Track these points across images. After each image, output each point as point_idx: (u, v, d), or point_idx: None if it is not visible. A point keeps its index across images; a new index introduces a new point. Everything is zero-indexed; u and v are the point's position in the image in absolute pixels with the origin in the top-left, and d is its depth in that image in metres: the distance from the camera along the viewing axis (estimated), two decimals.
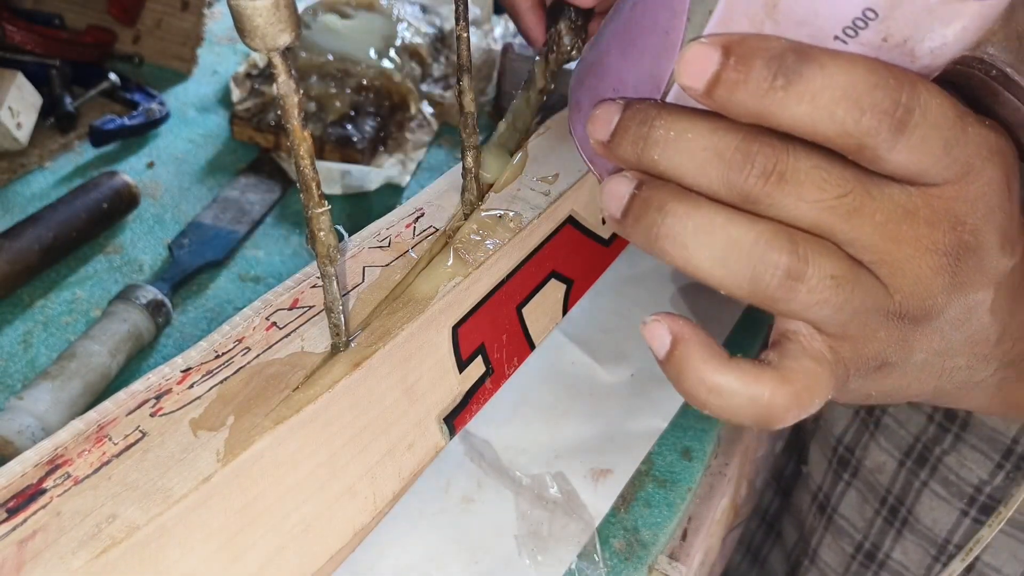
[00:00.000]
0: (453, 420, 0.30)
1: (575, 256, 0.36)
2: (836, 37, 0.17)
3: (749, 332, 0.43)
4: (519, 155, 0.36)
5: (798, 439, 0.55)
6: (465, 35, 0.28)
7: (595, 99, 0.24)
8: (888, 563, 0.46)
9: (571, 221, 0.35)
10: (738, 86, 0.18)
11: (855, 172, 0.19)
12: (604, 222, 0.38)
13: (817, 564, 0.51)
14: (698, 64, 0.18)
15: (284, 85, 0.19)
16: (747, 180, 0.19)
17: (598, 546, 0.31)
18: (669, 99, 0.21)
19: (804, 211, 0.19)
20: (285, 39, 0.18)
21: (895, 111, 0.17)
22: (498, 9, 0.72)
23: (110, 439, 0.22)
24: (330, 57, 0.56)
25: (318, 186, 0.21)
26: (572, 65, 0.33)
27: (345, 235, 0.30)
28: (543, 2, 0.34)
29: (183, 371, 0.24)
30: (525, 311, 0.34)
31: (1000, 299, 0.22)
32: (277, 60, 0.18)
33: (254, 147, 0.55)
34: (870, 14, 0.17)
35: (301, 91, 0.19)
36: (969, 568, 0.43)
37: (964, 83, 0.23)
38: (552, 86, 0.34)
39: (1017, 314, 0.23)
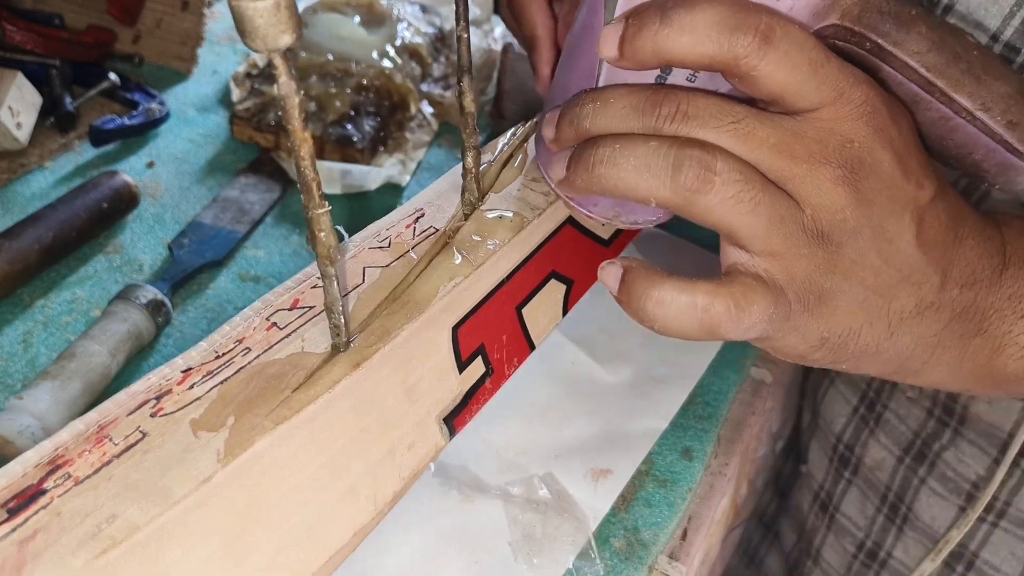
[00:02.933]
0: (453, 420, 0.30)
1: (575, 256, 0.36)
2: None
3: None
4: (519, 157, 0.36)
5: (798, 439, 0.55)
6: (465, 36, 0.28)
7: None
8: (890, 562, 0.46)
9: (571, 221, 0.35)
10: (636, 36, 0.22)
11: (746, 106, 0.23)
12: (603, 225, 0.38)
13: (820, 564, 0.51)
14: (610, 36, 0.23)
15: (285, 86, 0.19)
16: (658, 120, 0.23)
17: (594, 544, 0.31)
18: (600, 83, 0.26)
19: (705, 137, 0.22)
20: (286, 40, 0.18)
21: (758, 27, 0.21)
22: (498, 9, 0.72)
23: (110, 439, 0.22)
24: (330, 57, 0.56)
25: (319, 187, 0.21)
26: None
27: (345, 235, 0.30)
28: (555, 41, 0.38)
29: (183, 371, 0.24)
30: (525, 311, 0.34)
31: (927, 238, 0.24)
32: (278, 61, 0.18)
33: (254, 147, 0.55)
34: None
35: (302, 92, 0.19)
36: (969, 566, 0.43)
37: (849, 61, 0.25)
38: None
39: (956, 258, 0.25)
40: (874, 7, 0.24)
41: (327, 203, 0.22)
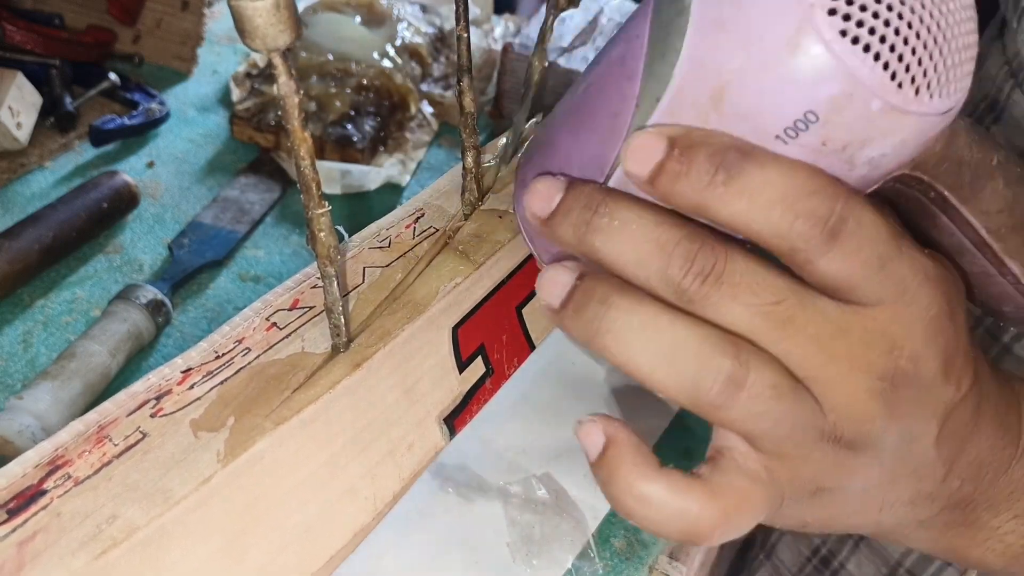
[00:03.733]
0: (453, 420, 0.30)
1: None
2: (777, 136, 0.18)
3: None
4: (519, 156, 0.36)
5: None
6: (465, 35, 0.28)
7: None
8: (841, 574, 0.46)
9: None
10: (680, 177, 0.18)
11: (790, 282, 0.19)
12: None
13: (772, 560, 0.50)
14: (644, 152, 0.19)
15: (285, 86, 0.19)
16: (686, 277, 0.19)
17: (593, 544, 0.31)
18: (611, 184, 0.21)
19: (738, 315, 0.19)
20: (285, 40, 0.18)
21: (828, 218, 0.18)
22: (498, 9, 0.72)
23: (110, 440, 0.22)
24: (330, 57, 0.56)
25: (318, 187, 0.21)
26: None
27: (345, 235, 0.30)
28: None
29: (183, 372, 0.24)
30: (525, 311, 0.34)
31: (947, 433, 0.21)
32: (278, 61, 0.18)
33: (254, 147, 0.55)
34: (811, 117, 0.17)
35: (302, 92, 0.19)
36: None
37: (903, 203, 0.23)
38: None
39: (966, 452, 0.22)
40: (954, 157, 0.21)
41: (327, 203, 0.22)
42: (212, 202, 0.50)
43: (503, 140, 0.36)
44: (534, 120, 0.38)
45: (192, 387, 0.24)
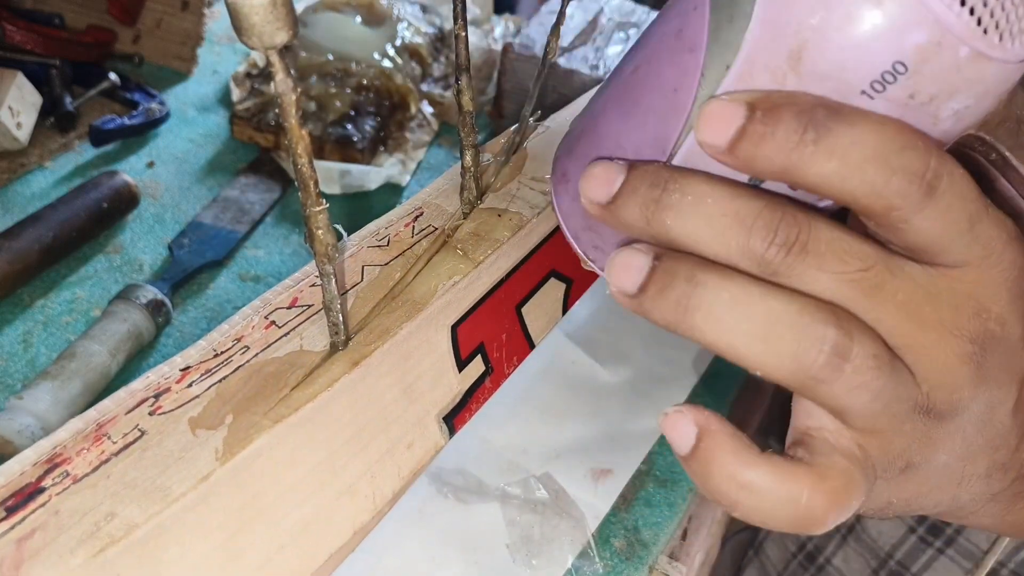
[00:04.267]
0: (453, 419, 0.30)
1: (575, 255, 0.36)
2: (863, 92, 0.17)
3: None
4: (517, 154, 0.36)
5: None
6: (463, 34, 0.28)
7: None
8: (827, 568, 0.45)
9: None
10: (765, 139, 0.17)
11: (876, 248, 0.18)
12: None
13: (760, 557, 0.50)
14: (722, 119, 0.17)
15: (282, 83, 0.19)
16: (769, 249, 0.18)
17: (593, 544, 0.31)
18: (676, 163, 0.20)
19: (826, 284, 0.18)
20: (282, 37, 0.17)
21: (924, 174, 0.17)
22: (498, 9, 0.72)
23: (109, 438, 0.22)
24: (330, 57, 0.56)
25: (316, 184, 0.21)
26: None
27: (344, 234, 0.30)
28: None
29: (182, 370, 0.24)
30: (525, 310, 0.34)
31: (1021, 400, 0.21)
32: (274, 58, 0.18)
33: (254, 147, 0.55)
34: (900, 67, 0.17)
35: (299, 89, 0.19)
36: None
37: (965, 166, 0.22)
38: None
39: None
40: (1014, 116, 0.21)
41: (325, 201, 0.22)
42: (212, 202, 0.50)
43: (502, 140, 0.36)
44: (533, 119, 0.38)
45: (191, 385, 0.24)
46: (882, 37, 0.16)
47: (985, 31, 0.16)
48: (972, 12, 0.16)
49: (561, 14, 0.28)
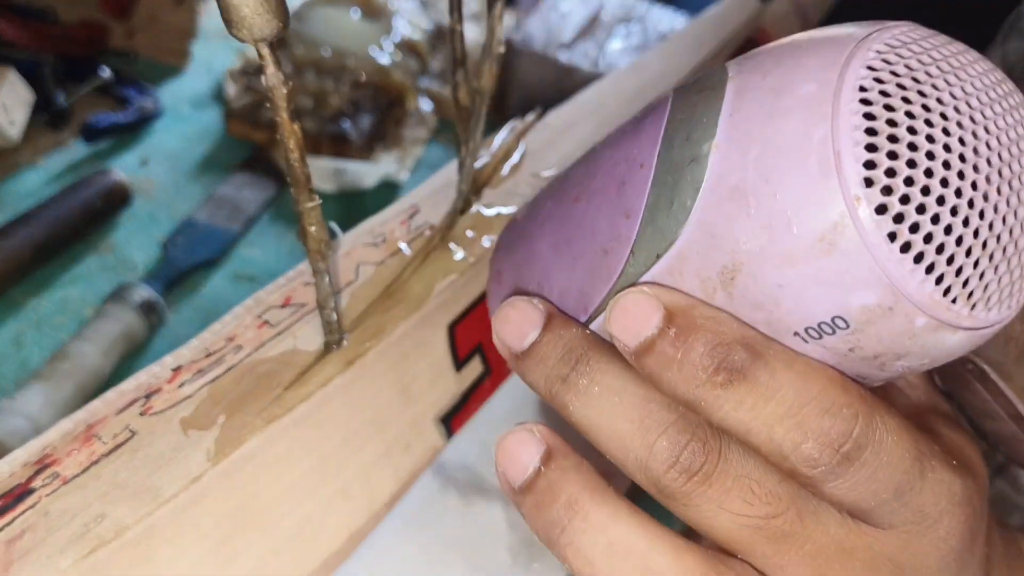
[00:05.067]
0: (451, 420, 0.30)
1: None
2: (796, 333, 0.15)
3: None
4: (516, 152, 0.35)
5: None
6: (459, 29, 0.27)
7: (517, 284, 0.21)
8: None
9: None
10: (672, 365, 0.15)
11: (792, 491, 0.16)
12: None
13: None
14: (634, 319, 0.16)
15: (272, 77, 0.18)
16: (668, 473, 0.16)
17: None
18: (594, 327, 0.18)
19: (724, 523, 0.16)
20: (272, 29, 0.17)
21: (842, 444, 0.15)
22: None
23: (99, 438, 0.22)
24: (327, 52, 0.56)
25: (308, 180, 0.21)
26: None
27: (339, 232, 0.30)
28: None
29: (173, 370, 0.24)
30: None
31: None
32: (265, 51, 0.18)
33: (249, 144, 0.54)
34: (840, 323, 0.14)
35: (291, 83, 0.19)
36: None
37: (941, 370, 0.21)
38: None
39: None
40: (1002, 334, 0.19)
41: (317, 197, 0.22)
42: (206, 200, 0.50)
43: (499, 136, 0.35)
44: (532, 117, 0.38)
45: (182, 385, 0.24)
46: (825, 288, 0.14)
47: (954, 300, 0.14)
48: (940, 281, 0.14)
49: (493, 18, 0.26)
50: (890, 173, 0.13)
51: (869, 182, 0.13)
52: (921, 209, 0.13)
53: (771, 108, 0.14)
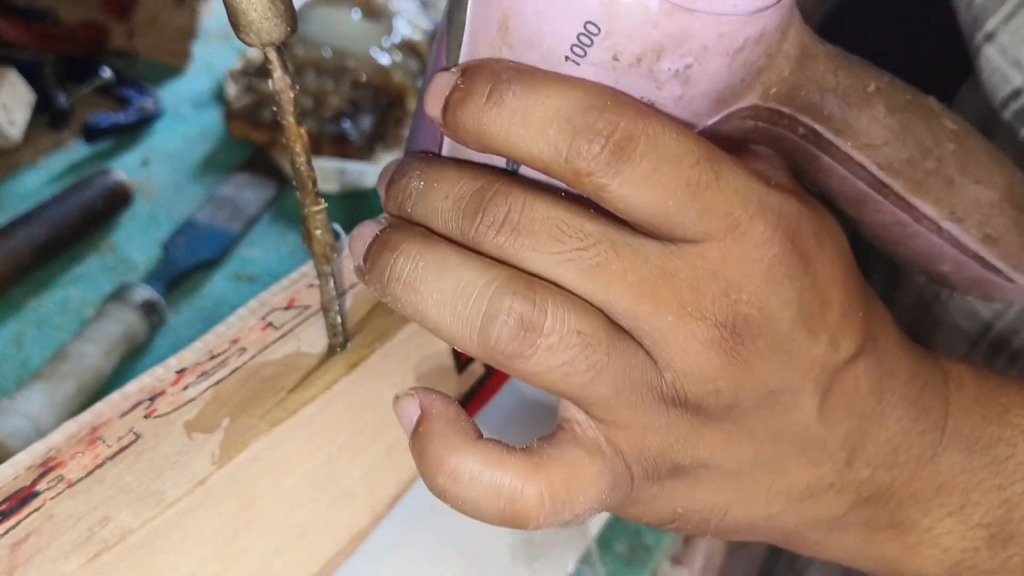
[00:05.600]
0: None
1: None
2: (567, 58, 0.17)
3: None
4: None
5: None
6: None
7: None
8: None
9: None
10: (460, 104, 0.17)
11: (602, 226, 0.17)
12: None
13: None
14: (438, 90, 0.18)
15: (279, 81, 0.18)
16: (477, 229, 0.17)
17: (594, 547, 0.31)
18: (444, 150, 0.20)
19: (541, 264, 0.17)
20: (280, 34, 0.17)
21: (611, 133, 0.16)
22: None
23: (103, 441, 0.22)
24: (327, 53, 0.56)
25: (314, 183, 0.21)
26: None
27: (342, 233, 0.30)
28: None
29: (177, 372, 0.24)
30: None
31: (835, 405, 0.19)
32: (272, 55, 0.18)
33: (250, 144, 0.54)
34: (592, 29, 0.16)
35: (297, 87, 0.19)
36: None
37: (783, 150, 0.20)
38: None
39: (872, 434, 0.20)
40: (813, 82, 0.18)
41: (323, 200, 0.22)
42: (207, 200, 0.50)
43: None
44: None
45: (186, 388, 0.24)
46: None
47: None
48: None
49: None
50: None
51: None
52: None
53: None
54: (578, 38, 0.16)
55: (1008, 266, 0.21)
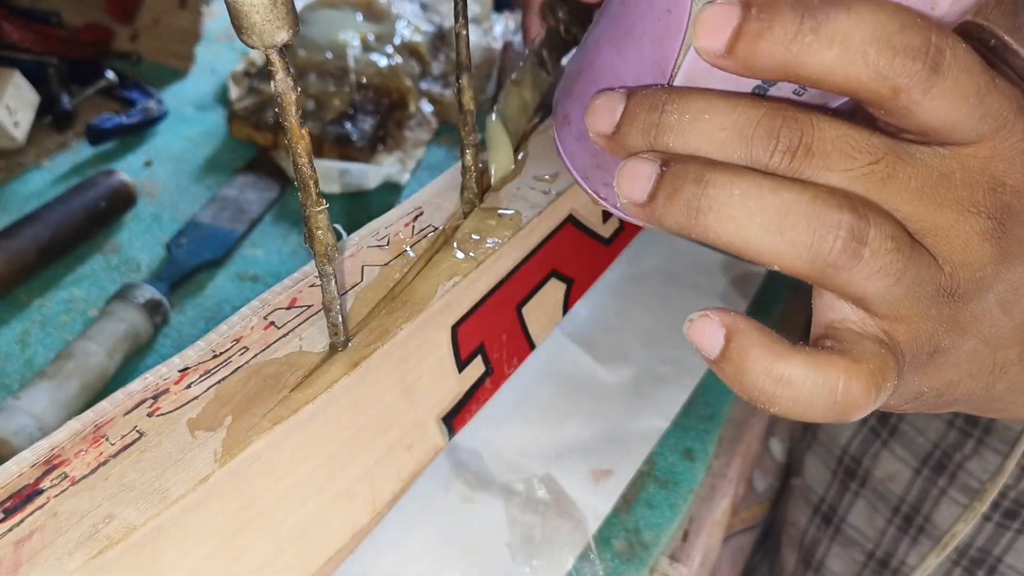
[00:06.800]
0: (452, 420, 0.30)
1: (575, 255, 0.36)
2: None
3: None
4: (520, 154, 0.35)
5: (789, 452, 0.53)
6: (464, 33, 0.27)
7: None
8: (902, 570, 0.45)
9: (571, 220, 0.35)
10: (763, 35, 0.17)
11: (884, 139, 0.18)
12: (605, 220, 0.38)
13: (824, 575, 0.50)
14: (717, 22, 0.17)
15: (282, 83, 0.18)
16: (773, 157, 0.18)
17: (593, 545, 0.31)
18: (678, 83, 0.20)
19: (837, 181, 0.18)
20: (283, 36, 0.17)
21: (927, 50, 0.17)
22: (498, 6, 0.71)
23: (107, 439, 0.22)
24: (329, 55, 0.56)
25: (316, 184, 0.21)
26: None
27: (344, 234, 0.30)
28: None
29: (181, 371, 0.24)
30: (525, 310, 0.33)
31: None
32: (275, 57, 0.18)
33: (252, 145, 0.55)
34: None
35: (299, 89, 0.19)
36: (991, 570, 0.42)
37: None
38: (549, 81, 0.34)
39: None
40: (1006, 2, 0.21)
41: (325, 201, 0.22)
42: (210, 201, 0.50)
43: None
44: (545, 123, 0.38)
45: (189, 386, 0.24)
46: None
47: None
48: None
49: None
50: None
51: None
52: None
53: None
54: None
55: None
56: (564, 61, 0.35)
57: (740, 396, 0.19)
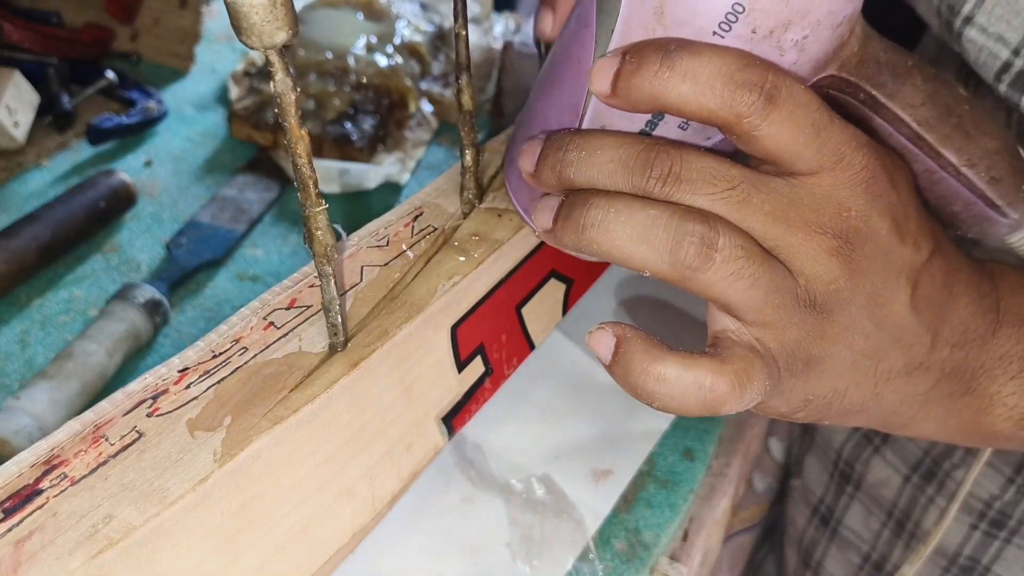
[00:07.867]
0: (452, 420, 0.30)
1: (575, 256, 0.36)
2: (714, 32, 0.21)
3: None
4: None
5: (788, 453, 0.54)
6: (463, 33, 0.27)
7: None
8: (896, 575, 0.45)
9: None
10: (634, 74, 0.21)
11: (742, 169, 0.22)
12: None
13: None
14: (605, 68, 0.21)
15: (281, 83, 0.18)
16: (648, 182, 0.22)
17: (593, 545, 0.31)
18: (586, 122, 0.24)
19: (701, 204, 0.21)
20: (282, 37, 0.17)
21: (764, 84, 0.20)
22: (498, 6, 0.71)
23: (107, 439, 0.22)
24: (329, 55, 0.56)
25: (315, 184, 0.21)
26: None
27: (343, 234, 0.30)
28: None
29: (180, 371, 0.24)
30: (525, 311, 0.33)
31: (921, 297, 0.23)
32: (274, 58, 0.18)
33: (252, 145, 0.55)
34: (738, 8, 0.20)
35: (298, 89, 0.19)
36: None
37: (845, 113, 0.24)
38: None
39: (948, 319, 0.24)
40: (872, 58, 0.23)
41: (324, 201, 0.22)
42: (210, 201, 0.50)
43: (502, 138, 0.35)
44: None
45: (189, 387, 0.24)
46: None
47: None
48: None
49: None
50: None
51: None
52: None
53: None
54: (726, 16, 0.20)
55: (1005, 203, 0.25)
56: None
57: (628, 393, 0.23)
